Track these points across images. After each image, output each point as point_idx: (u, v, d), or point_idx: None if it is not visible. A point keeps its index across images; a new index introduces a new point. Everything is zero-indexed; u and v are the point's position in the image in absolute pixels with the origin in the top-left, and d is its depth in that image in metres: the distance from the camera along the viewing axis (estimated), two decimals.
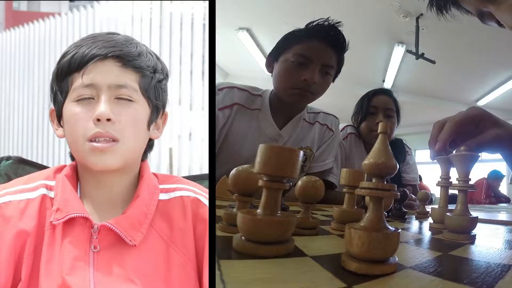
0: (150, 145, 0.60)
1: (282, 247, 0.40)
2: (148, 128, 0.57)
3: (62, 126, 0.56)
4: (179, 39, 3.40)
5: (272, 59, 1.34)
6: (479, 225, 0.64)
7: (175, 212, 0.57)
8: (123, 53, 0.54)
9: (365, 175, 0.41)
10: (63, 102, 0.55)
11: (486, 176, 4.61)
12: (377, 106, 1.67)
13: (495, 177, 4.61)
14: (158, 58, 0.59)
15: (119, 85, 0.53)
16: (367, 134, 1.67)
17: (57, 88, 0.56)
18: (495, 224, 0.91)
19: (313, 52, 1.24)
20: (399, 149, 1.77)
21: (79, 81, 0.53)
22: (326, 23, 1.26)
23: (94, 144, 0.52)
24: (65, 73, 0.54)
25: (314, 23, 1.27)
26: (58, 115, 0.56)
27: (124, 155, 0.54)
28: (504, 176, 4.71)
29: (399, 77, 5.15)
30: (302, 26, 1.30)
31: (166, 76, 0.60)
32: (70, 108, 0.54)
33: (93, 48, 0.54)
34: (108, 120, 0.52)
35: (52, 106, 0.58)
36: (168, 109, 0.61)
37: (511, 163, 0.75)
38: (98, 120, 0.52)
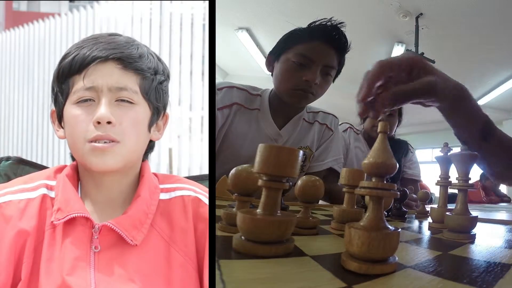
0: (150, 146, 0.60)
1: (282, 246, 0.40)
2: (149, 130, 0.57)
3: (63, 127, 0.56)
4: (179, 39, 3.40)
5: (272, 58, 1.34)
6: (479, 224, 0.64)
7: (175, 211, 0.57)
8: (124, 55, 0.54)
9: (365, 174, 0.41)
10: (63, 103, 0.55)
11: (478, 178, 4.60)
12: None
13: (487, 177, 4.59)
14: (159, 59, 0.59)
15: (119, 87, 0.53)
16: (370, 129, 1.80)
17: (58, 89, 0.56)
18: (495, 224, 0.91)
19: (315, 52, 1.23)
20: (400, 146, 1.85)
21: (80, 84, 0.53)
22: (329, 23, 1.26)
23: (95, 144, 0.52)
24: (66, 74, 0.54)
25: (317, 23, 1.27)
26: (58, 117, 0.56)
27: (124, 156, 0.54)
28: None
29: None
30: (303, 25, 1.30)
31: (167, 77, 0.60)
32: (71, 110, 0.54)
33: (94, 50, 0.54)
34: (109, 122, 0.52)
35: (53, 107, 0.58)
36: (168, 109, 0.61)
37: (446, 115, 0.70)
38: (99, 122, 0.52)
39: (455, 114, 0.69)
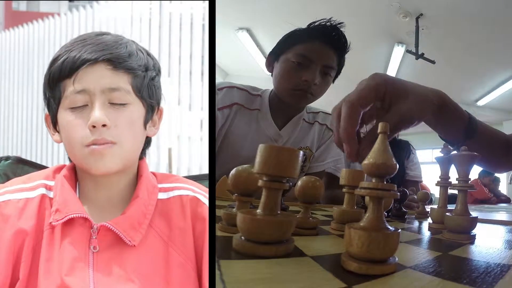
0: (147, 141, 0.60)
1: (282, 247, 0.39)
2: (145, 127, 0.57)
3: (58, 131, 0.56)
4: (178, 39, 3.41)
5: (272, 58, 1.34)
6: (479, 225, 0.63)
7: (174, 211, 0.57)
8: (113, 56, 0.54)
9: (365, 175, 0.41)
10: (56, 108, 0.54)
11: (477, 176, 4.61)
12: None
13: (486, 174, 4.59)
14: (149, 55, 0.59)
15: (112, 88, 0.53)
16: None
17: (49, 94, 0.55)
18: (495, 224, 0.91)
19: (314, 53, 1.23)
20: (403, 147, 1.85)
21: (71, 88, 0.53)
22: (328, 23, 1.26)
23: (93, 146, 0.52)
24: (57, 79, 0.54)
25: (316, 23, 1.27)
26: (53, 121, 0.56)
27: (123, 157, 0.53)
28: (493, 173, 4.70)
29: (399, 77, 5.14)
30: (303, 26, 1.30)
31: (158, 72, 0.59)
32: (65, 115, 0.53)
33: (83, 52, 0.53)
34: (104, 125, 0.52)
35: (46, 111, 0.57)
36: (166, 107, 0.61)
37: (430, 125, 0.69)
38: (94, 126, 0.51)
39: (439, 122, 0.69)
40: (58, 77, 0.54)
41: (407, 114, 0.60)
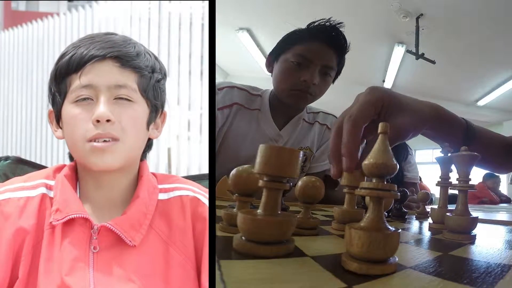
0: (149, 144, 0.60)
1: (282, 247, 0.39)
2: (147, 128, 0.57)
3: (61, 128, 0.56)
4: (177, 39, 3.41)
5: (272, 58, 1.34)
6: (479, 225, 0.63)
7: (174, 211, 0.57)
8: (121, 53, 0.54)
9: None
10: (61, 103, 0.55)
11: (481, 180, 4.63)
12: None
13: (490, 177, 4.63)
14: (156, 58, 0.59)
15: (118, 85, 0.53)
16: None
17: (55, 89, 0.55)
18: (495, 224, 0.91)
19: (313, 53, 1.23)
20: (401, 147, 1.83)
21: (77, 82, 0.53)
22: (328, 23, 1.26)
23: (94, 143, 0.52)
24: (64, 74, 0.54)
25: (316, 24, 1.27)
26: (57, 117, 0.56)
27: (124, 155, 0.54)
28: (497, 176, 4.74)
29: (399, 77, 5.16)
30: (302, 26, 1.30)
31: (164, 76, 0.60)
32: (69, 109, 0.54)
33: (91, 49, 0.53)
34: (108, 121, 0.52)
35: (50, 107, 0.57)
36: (166, 108, 0.61)
37: (428, 136, 0.69)
38: (98, 121, 0.52)
39: (436, 134, 0.70)
40: (65, 72, 0.54)
41: (402, 128, 0.62)
